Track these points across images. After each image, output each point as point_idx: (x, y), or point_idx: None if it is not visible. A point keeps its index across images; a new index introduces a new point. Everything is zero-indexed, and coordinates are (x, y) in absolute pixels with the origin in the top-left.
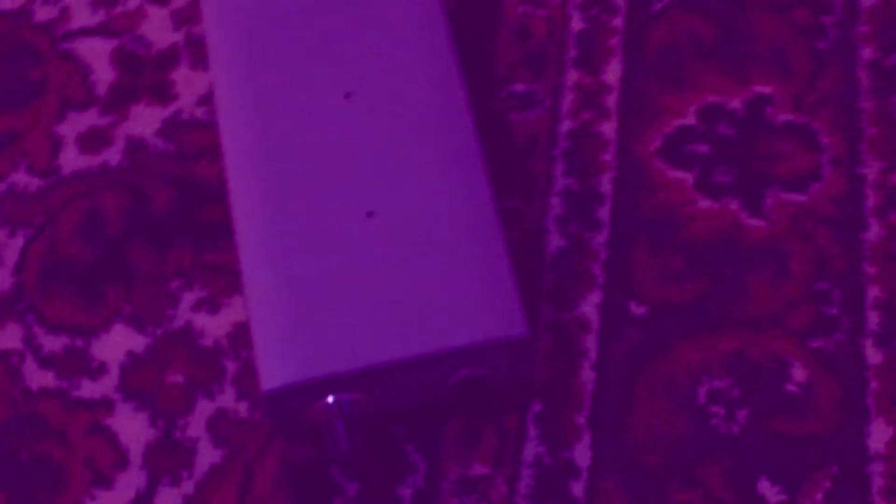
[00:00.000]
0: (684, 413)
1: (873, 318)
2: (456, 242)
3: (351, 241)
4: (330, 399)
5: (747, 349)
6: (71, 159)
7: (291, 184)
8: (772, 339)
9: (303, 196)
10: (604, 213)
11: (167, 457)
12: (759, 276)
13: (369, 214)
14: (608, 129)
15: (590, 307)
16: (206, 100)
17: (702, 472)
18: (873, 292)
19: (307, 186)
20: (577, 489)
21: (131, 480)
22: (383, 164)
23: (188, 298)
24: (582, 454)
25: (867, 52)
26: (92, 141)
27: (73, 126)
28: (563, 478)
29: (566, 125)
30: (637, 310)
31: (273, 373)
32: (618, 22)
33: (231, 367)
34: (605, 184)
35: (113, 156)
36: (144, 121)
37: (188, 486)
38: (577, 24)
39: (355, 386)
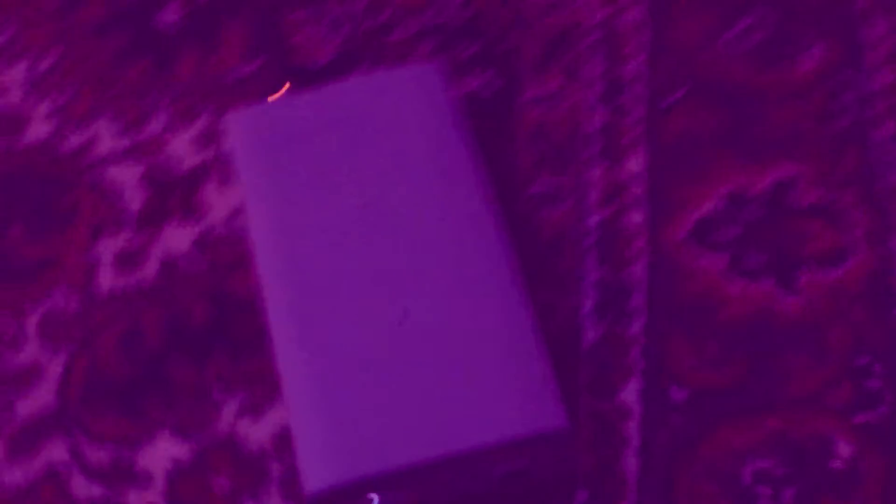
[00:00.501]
0: (730, 496)
1: None
2: (492, 338)
3: (387, 342)
4: (374, 500)
5: (790, 428)
6: (108, 280)
7: (324, 290)
8: (814, 416)
9: (336, 301)
10: (638, 300)
11: None
12: (797, 354)
13: (403, 315)
14: (637, 218)
15: (630, 394)
16: (236, 215)
17: None
18: None
19: (340, 292)
20: None
21: None
22: (415, 265)
23: (231, 406)
24: None
25: (888, 128)
26: (127, 261)
27: (109, 248)
28: None
29: (595, 217)
30: (678, 395)
31: (315, 476)
32: (637, 114)
33: (276, 471)
34: (639, 272)
35: (148, 274)
36: (177, 239)
37: None
38: (598, 119)
39: (398, 484)
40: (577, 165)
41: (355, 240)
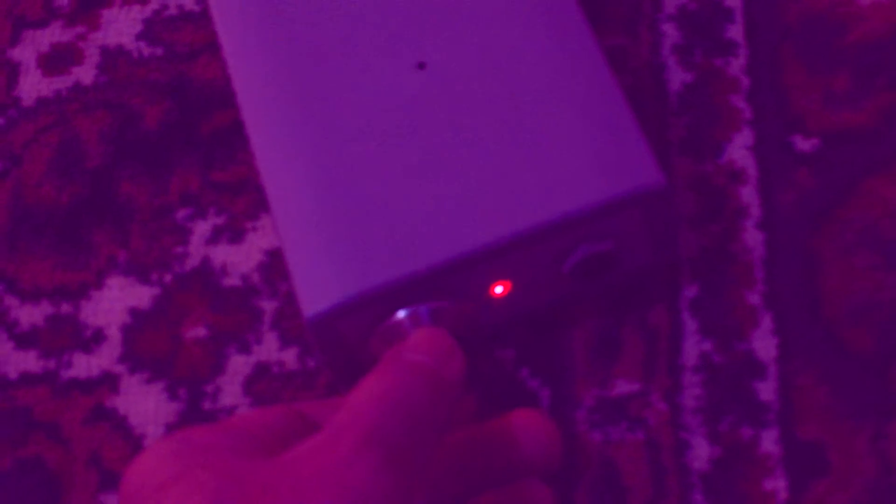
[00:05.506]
0: None
1: None
2: (546, 91)
3: (400, 106)
4: (401, 314)
5: None
6: (33, 85)
7: (314, 59)
8: None
9: (330, 69)
10: (736, 31)
11: None
12: None
13: (420, 67)
14: None
15: (740, 151)
16: None
17: None
18: None
19: (333, 55)
20: (766, 391)
21: None
22: (434, 4)
23: (201, 229)
24: (764, 343)
25: None
26: (57, 60)
27: (32, 46)
28: (744, 379)
29: None
30: (804, 145)
31: (317, 293)
32: None
33: (268, 307)
34: None
35: (86, 73)
36: (120, 25)
37: None
38: None
39: (435, 292)
40: None
41: None
